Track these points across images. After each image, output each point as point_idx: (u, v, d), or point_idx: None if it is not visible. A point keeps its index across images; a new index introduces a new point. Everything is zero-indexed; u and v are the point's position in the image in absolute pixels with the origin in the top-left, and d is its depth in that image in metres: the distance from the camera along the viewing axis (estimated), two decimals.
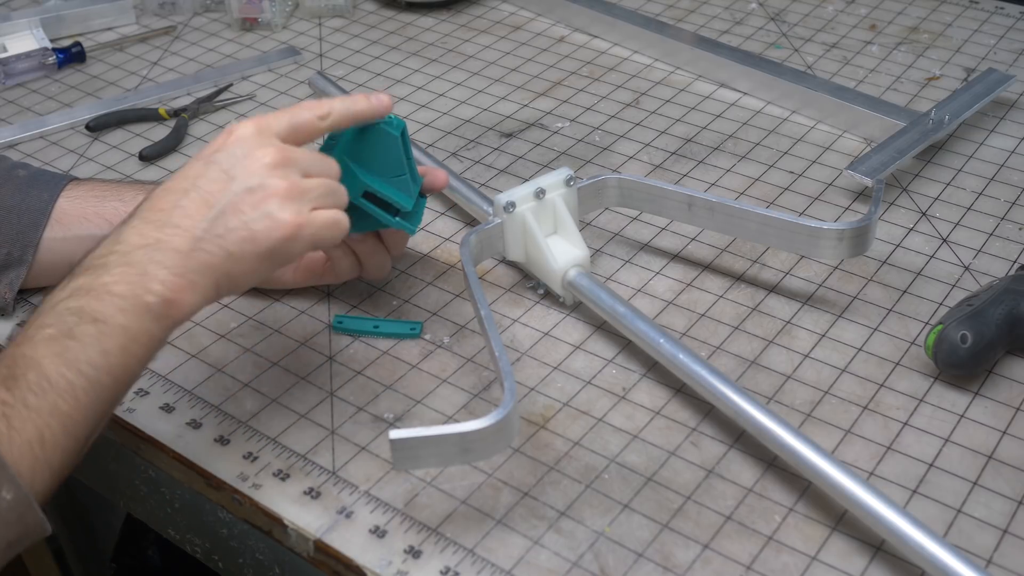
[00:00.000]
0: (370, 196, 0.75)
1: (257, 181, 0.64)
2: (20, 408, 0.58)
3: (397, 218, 0.76)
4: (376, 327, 0.82)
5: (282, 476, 0.72)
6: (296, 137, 0.68)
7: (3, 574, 0.60)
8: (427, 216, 0.94)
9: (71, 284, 0.62)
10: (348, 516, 0.69)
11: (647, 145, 1.04)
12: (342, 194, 0.69)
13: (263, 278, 0.67)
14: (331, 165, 0.70)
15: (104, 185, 0.84)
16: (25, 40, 1.19)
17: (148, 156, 1.03)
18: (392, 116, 0.76)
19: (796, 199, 0.95)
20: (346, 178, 0.75)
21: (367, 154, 0.75)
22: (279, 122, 0.68)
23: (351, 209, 0.76)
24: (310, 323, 0.84)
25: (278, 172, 0.65)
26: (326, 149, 0.76)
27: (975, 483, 0.69)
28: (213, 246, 0.63)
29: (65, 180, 0.84)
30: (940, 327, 0.75)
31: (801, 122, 1.06)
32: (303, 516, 0.69)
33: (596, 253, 0.90)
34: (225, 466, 0.72)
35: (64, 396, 0.59)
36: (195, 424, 0.75)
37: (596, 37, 1.22)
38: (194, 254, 0.62)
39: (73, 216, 0.82)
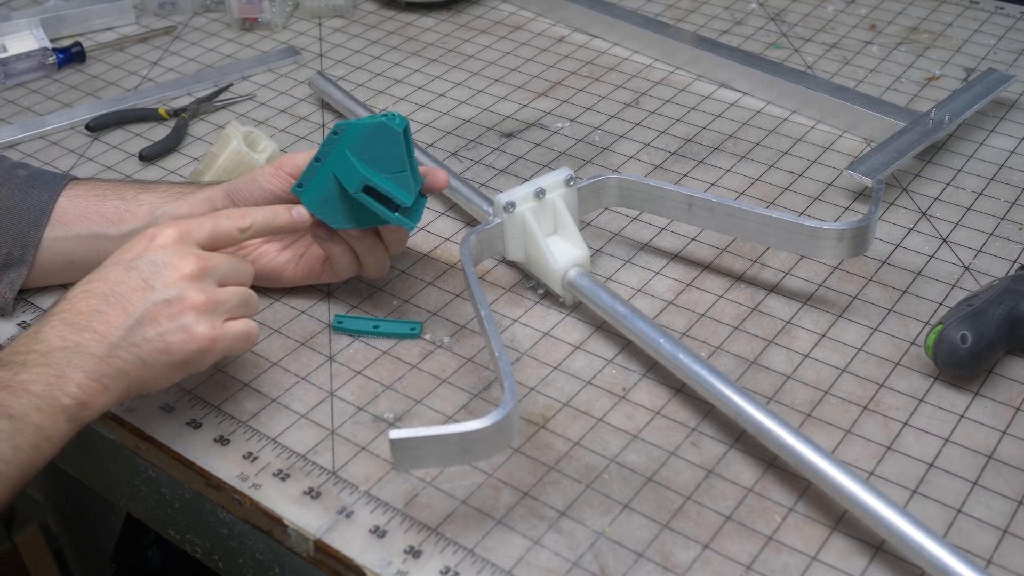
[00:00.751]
0: (370, 191, 0.75)
1: (175, 292, 0.67)
2: None
3: (396, 214, 0.76)
4: (376, 327, 0.82)
5: (282, 476, 0.72)
6: (215, 245, 0.71)
7: (3, 575, 0.60)
8: (427, 216, 0.94)
9: None
10: (348, 516, 0.69)
11: (647, 145, 1.04)
12: (254, 303, 0.72)
13: (173, 383, 0.70)
14: (246, 271, 0.72)
15: (104, 184, 0.84)
16: (25, 40, 1.19)
17: (148, 156, 1.03)
18: (395, 113, 0.76)
19: (796, 199, 0.95)
20: (347, 172, 0.75)
21: (370, 149, 0.75)
22: (200, 230, 0.70)
23: (351, 203, 0.76)
24: (310, 323, 0.84)
25: (196, 284, 0.67)
26: (329, 144, 0.76)
27: (975, 483, 0.69)
28: (128, 354, 0.65)
29: (65, 180, 0.84)
30: (940, 327, 0.75)
31: (801, 122, 1.06)
32: (303, 516, 0.69)
33: (596, 253, 0.90)
34: (225, 466, 0.72)
35: None
36: (195, 424, 0.75)
37: (596, 37, 1.22)
38: (110, 360, 0.65)
39: (73, 215, 0.82)
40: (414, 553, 0.66)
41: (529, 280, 0.87)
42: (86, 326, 0.65)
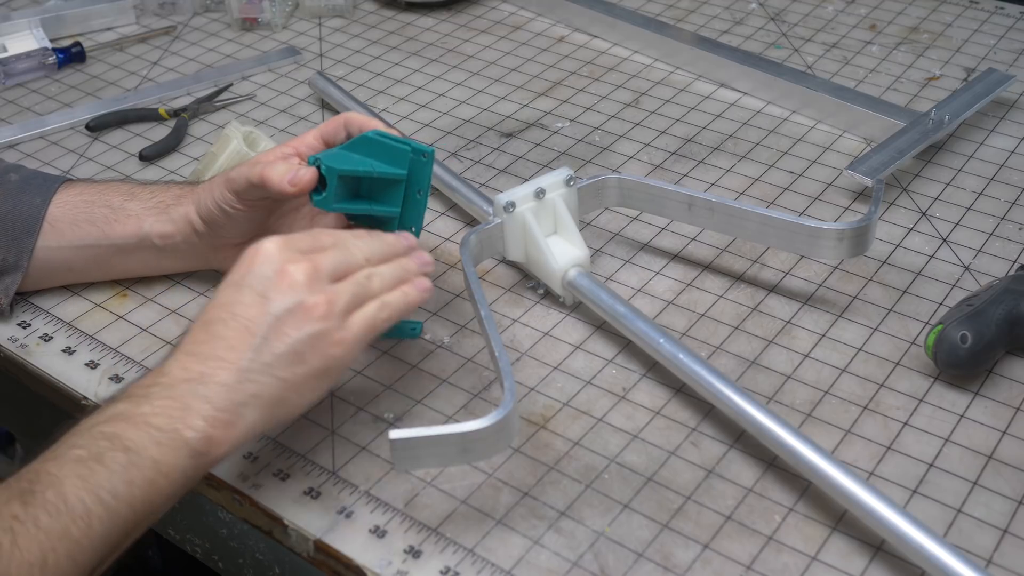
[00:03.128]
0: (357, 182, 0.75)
1: (294, 300, 0.63)
2: (30, 526, 0.55)
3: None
4: None
5: (282, 476, 0.72)
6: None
7: None
8: (427, 216, 0.94)
9: (110, 410, 0.61)
10: (348, 516, 0.69)
11: (647, 145, 1.04)
12: (382, 278, 0.67)
13: (319, 398, 0.66)
14: (354, 256, 0.67)
15: (94, 188, 0.83)
16: (25, 40, 1.19)
17: (148, 156, 1.03)
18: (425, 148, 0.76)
19: (796, 199, 0.95)
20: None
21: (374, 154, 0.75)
22: (302, 241, 0.67)
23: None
24: None
25: (312, 286, 0.64)
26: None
27: (975, 483, 0.69)
28: (262, 375, 0.62)
29: (57, 183, 0.84)
30: (940, 327, 0.75)
31: (801, 122, 1.06)
32: (303, 516, 0.69)
33: (596, 253, 0.90)
34: (225, 466, 0.72)
35: (78, 522, 0.56)
36: None
37: (596, 37, 1.22)
38: (241, 386, 0.61)
39: (65, 223, 0.81)
40: (414, 553, 0.66)
41: (529, 280, 0.87)
42: (210, 355, 0.62)
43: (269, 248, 0.65)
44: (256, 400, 0.62)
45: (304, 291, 0.64)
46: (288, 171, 0.72)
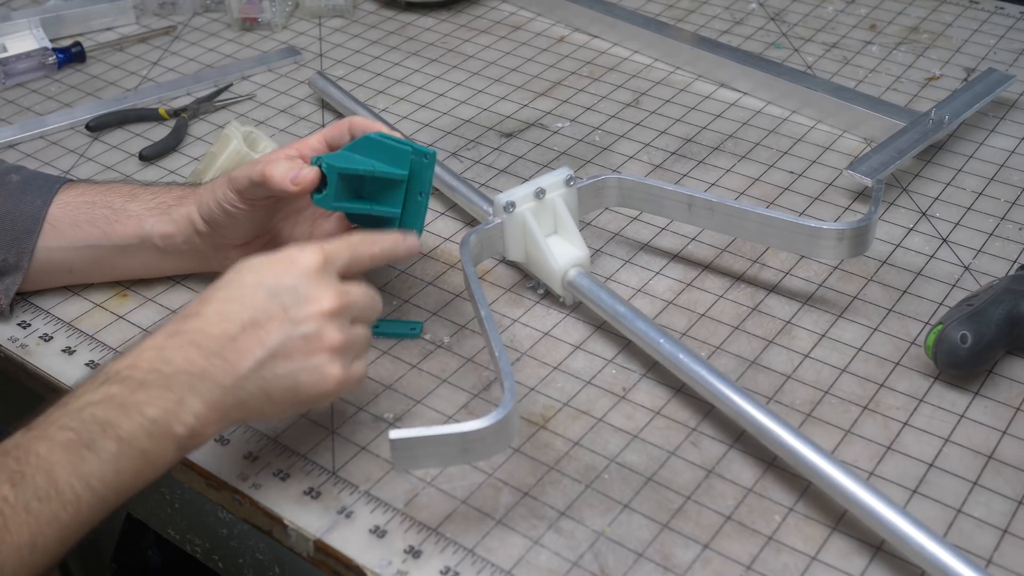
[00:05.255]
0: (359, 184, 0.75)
1: (314, 329, 0.63)
2: (20, 511, 0.56)
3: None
4: (376, 327, 0.82)
5: (282, 476, 0.72)
6: (350, 272, 0.68)
7: None
8: (427, 216, 0.94)
9: (104, 388, 0.60)
10: (348, 516, 0.69)
11: (647, 145, 1.04)
12: (369, 343, 0.69)
13: (287, 418, 0.68)
14: (376, 308, 0.69)
15: (95, 189, 0.83)
16: (25, 40, 1.19)
17: (148, 156, 1.03)
18: (422, 148, 0.76)
19: (796, 199, 0.95)
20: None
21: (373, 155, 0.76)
22: (340, 257, 0.67)
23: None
24: None
25: (334, 321, 0.64)
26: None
27: (975, 483, 0.69)
28: (254, 387, 0.63)
29: (58, 184, 0.84)
30: (940, 327, 0.75)
31: (801, 122, 1.06)
32: (303, 516, 0.69)
33: (596, 253, 0.90)
34: (225, 466, 0.72)
35: (67, 507, 0.58)
36: None
37: (596, 37, 1.22)
38: (234, 391, 0.62)
39: (66, 224, 0.81)
40: (414, 553, 0.66)
41: (529, 280, 0.87)
42: (216, 352, 0.62)
43: (308, 263, 0.65)
44: (242, 406, 0.63)
45: (327, 323, 0.64)
46: (290, 170, 0.73)
